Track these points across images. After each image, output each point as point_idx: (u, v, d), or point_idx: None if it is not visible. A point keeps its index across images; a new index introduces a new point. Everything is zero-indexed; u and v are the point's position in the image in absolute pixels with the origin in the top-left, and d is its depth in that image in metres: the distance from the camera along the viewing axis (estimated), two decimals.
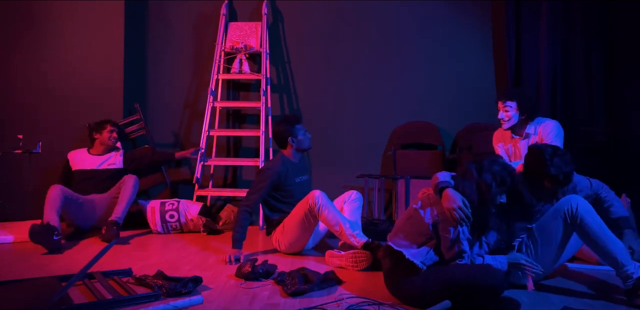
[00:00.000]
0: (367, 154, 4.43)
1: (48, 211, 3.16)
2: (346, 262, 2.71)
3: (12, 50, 4.07)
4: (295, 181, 3.11)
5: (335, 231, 2.83)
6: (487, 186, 2.06)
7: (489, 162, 2.10)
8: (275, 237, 3.06)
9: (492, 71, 4.45)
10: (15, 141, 3.72)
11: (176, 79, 4.42)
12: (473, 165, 2.11)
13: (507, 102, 3.03)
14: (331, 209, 2.83)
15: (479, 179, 2.07)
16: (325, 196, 2.87)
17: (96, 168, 3.67)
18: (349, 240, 2.78)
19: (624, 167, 3.76)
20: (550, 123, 3.07)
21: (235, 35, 4.31)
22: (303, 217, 2.89)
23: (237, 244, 2.89)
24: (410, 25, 4.45)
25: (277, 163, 3.08)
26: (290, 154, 3.15)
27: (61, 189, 3.29)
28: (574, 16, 4.09)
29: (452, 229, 2.03)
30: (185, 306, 2.03)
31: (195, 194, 3.99)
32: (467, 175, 2.10)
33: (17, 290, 2.11)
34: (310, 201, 2.84)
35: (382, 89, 4.44)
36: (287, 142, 3.11)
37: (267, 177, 3.00)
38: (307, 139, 3.16)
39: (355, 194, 3.18)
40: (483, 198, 2.06)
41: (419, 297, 2.05)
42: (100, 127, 3.72)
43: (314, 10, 4.44)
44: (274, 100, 4.44)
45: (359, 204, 3.17)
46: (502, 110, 3.05)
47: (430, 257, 2.08)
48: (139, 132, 4.15)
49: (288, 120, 3.13)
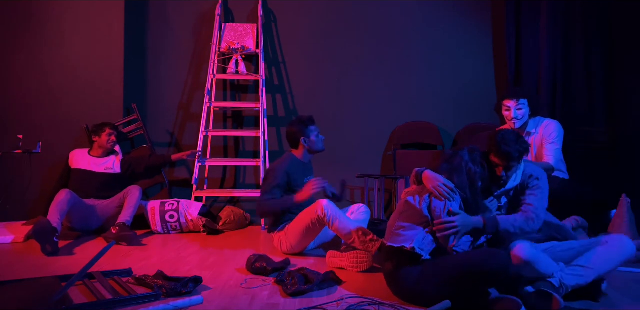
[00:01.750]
0: (367, 154, 4.43)
1: (53, 213, 3.15)
2: (347, 262, 2.70)
3: (12, 50, 4.07)
4: (304, 181, 3.09)
5: (347, 239, 2.78)
6: (473, 172, 2.17)
7: (469, 150, 2.23)
8: (277, 238, 3.06)
9: (492, 71, 4.46)
10: (15, 141, 3.72)
11: (176, 79, 4.42)
12: (457, 154, 2.22)
13: (521, 99, 3.02)
14: (342, 218, 2.80)
15: (466, 166, 2.17)
16: (333, 205, 2.84)
17: (94, 170, 3.67)
18: (364, 247, 2.71)
19: (624, 167, 3.76)
20: (553, 123, 3.09)
21: (231, 36, 4.32)
22: (309, 224, 2.87)
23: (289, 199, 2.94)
24: (409, 25, 4.45)
25: (285, 162, 3.08)
26: (301, 155, 3.15)
27: (71, 193, 3.29)
28: (574, 16, 4.09)
29: (440, 204, 2.11)
30: (185, 306, 2.03)
31: (193, 195, 3.99)
32: (454, 162, 2.19)
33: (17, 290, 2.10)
34: (320, 212, 2.80)
35: (381, 88, 4.44)
36: (299, 142, 3.12)
37: (277, 175, 2.99)
38: (320, 141, 3.15)
39: (364, 208, 3.19)
40: (472, 183, 2.17)
41: (422, 292, 2.04)
42: (99, 130, 3.72)
43: (309, 10, 4.43)
44: (272, 101, 4.44)
45: (367, 217, 3.17)
46: (515, 109, 3.03)
47: (429, 243, 2.08)
48: (136, 132, 4.15)
49: (302, 120, 3.13)
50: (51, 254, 2.93)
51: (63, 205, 3.20)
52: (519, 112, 3.03)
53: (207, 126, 4.26)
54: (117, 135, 3.79)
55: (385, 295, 2.21)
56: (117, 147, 3.86)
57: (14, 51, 4.07)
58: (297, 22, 4.47)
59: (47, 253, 2.93)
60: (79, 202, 3.39)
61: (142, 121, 4.11)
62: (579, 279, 2.06)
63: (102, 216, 3.54)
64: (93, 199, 3.58)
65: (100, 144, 3.72)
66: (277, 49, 4.47)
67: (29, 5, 4.07)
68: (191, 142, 4.34)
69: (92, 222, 3.52)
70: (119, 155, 3.83)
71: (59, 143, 3.97)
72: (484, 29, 4.46)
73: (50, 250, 2.94)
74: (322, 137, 3.17)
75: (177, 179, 4.38)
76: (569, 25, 4.10)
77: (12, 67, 4.08)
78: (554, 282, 2.02)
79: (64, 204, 3.21)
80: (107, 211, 3.55)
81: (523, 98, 3.02)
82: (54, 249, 2.95)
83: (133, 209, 3.44)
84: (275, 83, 4.46)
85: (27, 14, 4.06)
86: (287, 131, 3.16)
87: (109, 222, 3.53)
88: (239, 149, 4.46)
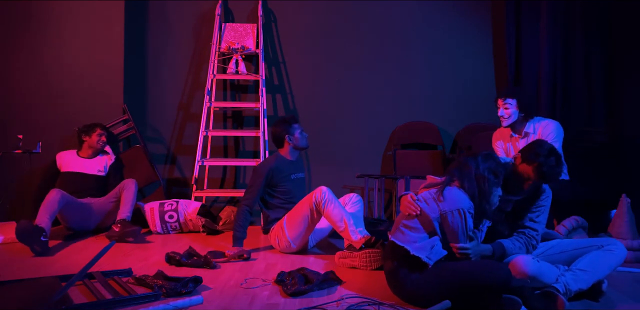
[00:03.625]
0: (367, 154, 4.43)
1: (42, 214, 3.12)
2: (359, 262, 2.71)
3: (12, 51, 4.07)
4: (291, 178, 3.17)
5: (338, 227, 2.83)
6: (485, 179, 2.12)
7: (484, 156, 2.17)
8: (273, 235, 3.07)
9: (492, 71, 4.46)
10: (15, 141, 3.72)
11: (176, 79, 4.42)
12: (470, 159, 2.17)
13: (508, 99, 3.05)
14: (337, 204, 2.86)
15: (477, 173, 2.13)
16: (331, 192, 2.90)
17: (86, 173, 3.65)
18: (351, 236, 2.78)
19: (624, 167, 3.76)
20: (551, 124, 3.08)
21: (231, 36, 4.32)
22: (307, 213, 2.91)
23: (237, 242, 2.93)
24: (409, 25, 4.45)
25: (270, 161, 3.16)
26: (287, 153, 3.21)
27: (61, 193, 3.25)
28: (574, 16, 4.09)
29: (461, 225, 2.07)
30: (185, 306, 2.03)
31: (193, 195, 3.99)
32: (465, 169, 2.15)
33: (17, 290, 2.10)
34: (318, 195, 2.87)
35: (382, 88, 4.44)
36: (284, 140, 3.18)
37: (261, 175, 3.07)
38: (305, 138, 3.21)
39: (356, 197, 3.22)
40: (482, 190, 2.11)
41: (422, 296, 2.05)
42: (89, 130, 3.71)
43: (309, 10, 4.43)
44: (272, 101, 4.44)
45: (360, 206, 3.20)
46: (502, 108, 3.07)
47: (437, 252, 2.07)
48: (128, 132, 4.15)
49: (285, 119, 3.21)
50: (41, 254, 2.92)
51: (53, 205, 3.16)
52: (505, 112, 3.06)
53: (207, 126, 4.26)
54: (108, 136, 3.78)
55: (386, 295, 2.21)
56: (108, 148, 3.85)
57: (14, 51, 4.08)
58: (297, 22, 4.47)
59: (36, 253, 2.92)
60: (72, 202, 3.35)
61: (133, 121, 4.10)
62: (581, 284, 2.09)
63: (99, 213, 3.53)
64: (89, 198, 3.58)
65: (90, 144, 3.71)
66: (277, 49, 4.47)
67: (29, 5, 4.07)
68: (191, 142, 4.35)
69: (90, 220, 3.51)
70: (111, 155, 3.82)
71: (59, 143, 3.97)
72: (484, 29, 4.46)
73: (40, 251, 2.92)
74: (306, 134, 3.24)
75: (177, 178, 4.38)
76: (569, 25, 4.10)
77: (12, 67, 4.08)
78: (559, 288, 2.04)
79: (54, 203, 3.17)
80: (104, 207, 3.54)
81: (510, 97, 3.05)
82: (43, 249, 2.93)
83: (131, 203, 3.44)
84: (275, 83, 4.46)
85: (27, 14, 4.06)
86: (272, 132, 3.24)
87: (107, 218, 3.53)
88: (239, 149, 4.46)
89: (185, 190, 4.33)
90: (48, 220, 3.10)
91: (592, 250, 2.18)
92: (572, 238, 2.87)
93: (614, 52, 4.04)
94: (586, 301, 2.19)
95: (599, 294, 2.17)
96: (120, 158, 3.93)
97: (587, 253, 2.19)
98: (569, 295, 2.06)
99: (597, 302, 2.16)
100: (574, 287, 2.07)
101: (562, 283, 2.06)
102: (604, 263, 2.13)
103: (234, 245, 2.92)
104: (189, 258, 2.74)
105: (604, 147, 3.93)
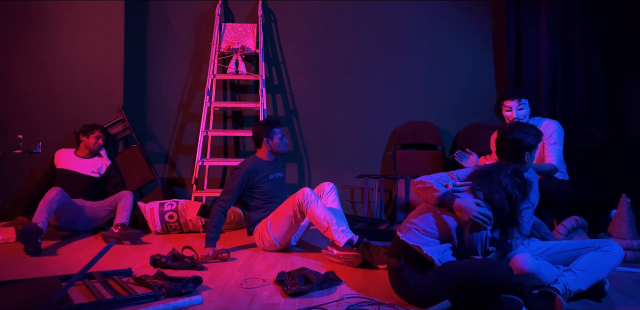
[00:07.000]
0: (367, 154, 4.43)
1: (40, 212, 3.12)
2: (340, 260, 2.79)
3: (12, 51, 4.07)
4: (269, 178, 3.20)
5: (321, 227, 2.84)
6: (515, 197, 2.11)
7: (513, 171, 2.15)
8: (257, 235, 3.11)
9: (492, 71, 4.46)
10: (15, 141, 3.72)
11: (176, 79, 4.42)
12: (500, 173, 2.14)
13: (523, 99, 3.03)
14: (320, 205, 2.88)
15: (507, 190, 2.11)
16: (314, 193, 2.93)
17: (80, 172, 3.65)
18: (334, 237, 2.78)
19: (624, 167, 3.75)
20: (552, 124, 3.08)
21: (231, 36, 4.32)
22: (291, 214, 2.95)
23: (210, 243, 2.94)
24: (409, 25, 4.45)
25: (247, 162, 3.18)
26: (265, 154, 3.25)
27: (62, 192, 3.27)
28: (574, 16, 4.08)
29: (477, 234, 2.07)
30: (185, 306, 2.03)
31: (193, 195, 3.99)
32: (495, 185, 2.12)
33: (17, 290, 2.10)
34: (301, 197, 2.89)
35: (382, 88, 4.44)
36: (262, 142, 3.22)
37: (238, 176, 3.10)
38: (284, 144, 3.25)
39: (328, 185, 3.23)
40: (512, 206, 2.11)
41: (424, 296, 2.04)
42: (88, 131, 3.71)
43: (309, 10, 4.44)
44: (272, 101, 4.44)
45: (335, 193, 3.22)
46: (516, 109, 3.04)
47: (447, 257, 2.08)
48: (124, 133, 4.15)
49: (268, 122, 3.25)
50: (33, 253, 2.95)
51: (52, 204, 3.18)
52: (520, 112, 3.03)
53: (207, 126, 4.26)
54: (105, 139, 3.79)
55: (386, 295, 2.21)
56: (103, 152, 3.84)
57: (14, 51, 4.08)
58: (297, 22, 4.47)
59: (28, 253, 2.95)
60: (69, 202, 3.37)
61: (129, 121, 4.10)
62: (581, 284, 2.09)
63: (91, 217, 3.53)
64: (82, 199, 3.58)
65: (86, 145, 3.72)
66: (277, 49, 4.47)
67: (29, 5, 4.07)
68: (191, 142, 4.35)
69: (79, 222, 3.51)
70: (105, 159, 3.81)
71: (59, 143, 3.97)
72: (484, 29, 4.46)
73: (32, 250, 2.95)
74: (286, 140, 3.28)
75: (176, 178, 4.38)
76: (569, 25, 4.10)
77: (12, 67, 4.08)
78: (559, 288, 2.04)
79: (54, 202, 3.19)
80: (97, 213, 3.55)
81: (524, 98, 3.03)
82: (35, 249, 2.95)
83: (128, 211, 3.45)
84: (275, 83, 4.46)
85: (27, 14, 4.07)
86: (253, 131, 3.27)
87: (97, 223, 3.56)
88: (239, 149, 4.46)
89: (185, 190, 4.34)
90: (45, 220, 3.11)
91: (590, 252, 2.19)
92: (572, 238, 2.87)
93: (614, 52, 4.04)
94: (586, 301, 2.19)
95: (601, 294, 2.18)
96: (116, 162, 3.92)
97: (584, 254, 2.20)
98: (568, 296, 2.06)
99: (599, 303, 2.16)
100: (574, 287, 2.07)
101: (562, 283, 2.06)
102: (602, 264, 2.14)
103: (206, 246, 2.94)
104: (175, 260, 2.70)
105: (604, 147, 3.93)
